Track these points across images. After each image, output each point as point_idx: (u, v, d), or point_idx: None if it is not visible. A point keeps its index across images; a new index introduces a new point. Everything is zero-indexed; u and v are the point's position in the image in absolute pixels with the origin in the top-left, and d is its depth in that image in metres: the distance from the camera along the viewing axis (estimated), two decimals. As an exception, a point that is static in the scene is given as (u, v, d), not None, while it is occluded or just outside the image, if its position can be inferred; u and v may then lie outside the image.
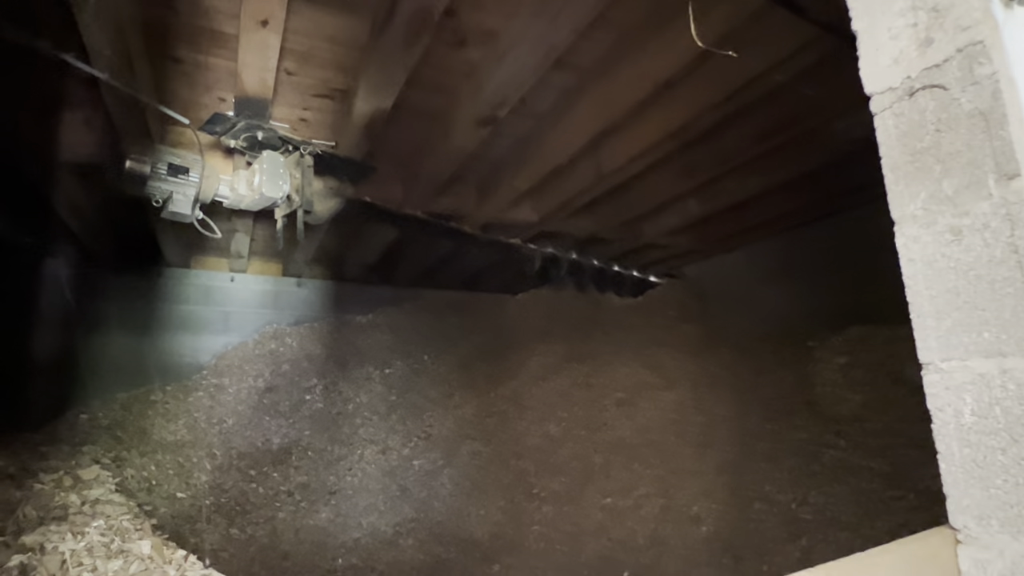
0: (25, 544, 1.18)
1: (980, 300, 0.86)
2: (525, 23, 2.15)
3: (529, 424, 4.31)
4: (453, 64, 2.54)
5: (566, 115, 2.88)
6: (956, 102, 0.90)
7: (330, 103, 2.80)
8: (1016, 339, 0.81)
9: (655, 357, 4.28)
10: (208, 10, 2.19)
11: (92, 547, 1.26)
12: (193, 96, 2.65)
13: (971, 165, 0.87)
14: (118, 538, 1.34)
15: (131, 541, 1.34)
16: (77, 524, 1.35)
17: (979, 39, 0.87)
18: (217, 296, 4.76)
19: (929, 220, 0.93)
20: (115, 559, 1.24)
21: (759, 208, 4.09)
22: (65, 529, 1.30)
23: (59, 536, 1.25)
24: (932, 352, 0.92)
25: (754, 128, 3.02)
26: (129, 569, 1.21)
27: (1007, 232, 0.83)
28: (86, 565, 1.19)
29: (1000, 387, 0.83)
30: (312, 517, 3.63)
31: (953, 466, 0.88)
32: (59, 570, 1.14)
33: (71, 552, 1.20)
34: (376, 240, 4.43)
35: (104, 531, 1.36)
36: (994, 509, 0.83)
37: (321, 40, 2.39)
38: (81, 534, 1.31)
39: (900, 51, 0.98)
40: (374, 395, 4.46)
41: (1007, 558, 0.81)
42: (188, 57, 2.44)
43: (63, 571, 1.13)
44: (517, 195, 3.62)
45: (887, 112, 1.01)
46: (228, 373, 4.26)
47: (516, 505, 3.80)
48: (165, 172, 2.56)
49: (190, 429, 3.66)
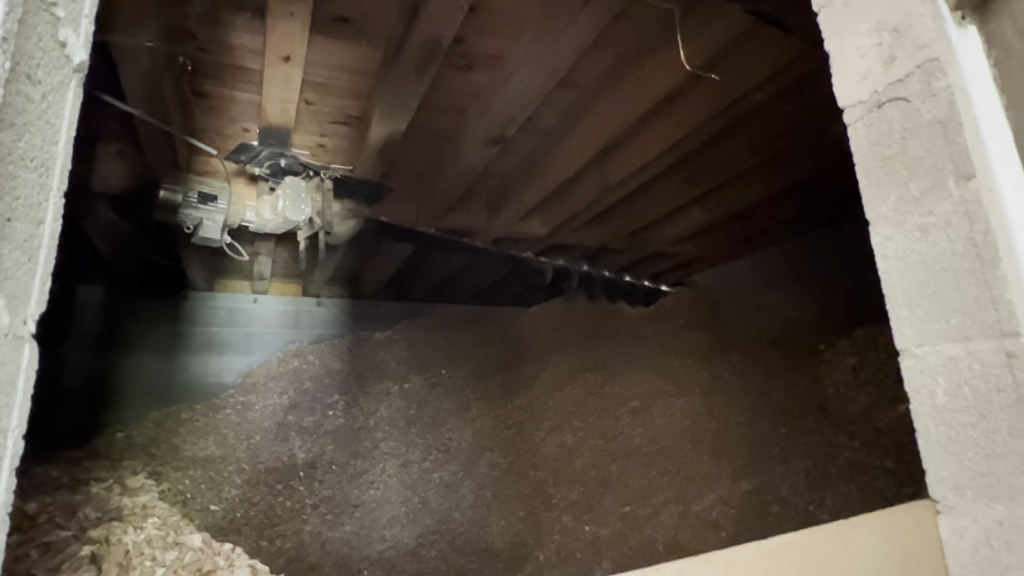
0: (92, 537, 1.30)
1: (946, 290, 0.94)
2: (528, 46, 2.26)
3: (545, 434, 4.37)
4: (462, 87, 2.66)
5: (571, 132, 2.98)
6: (918, 112, 0.99)
7: (347, 129, 2.93)
8: (979, 324, 0.90)
9: (667, 365, 4.33)
10: (234, 48, 2.34)
11: (151, 539, 1.38)
12: (219, 127, 2.80)
13: (933, 169, 0.96)
14: (172, 532, 1.45)
15: (184, 535, 1.46)
16: (134, 522, 1.48)
17: (935, 56, 0.97)
18: (240, 318, 4.92)
19: (899, 220, 1.02)
20: (171, 550, 1.36)
21: (763, 215, 4.16)
22: (125, 525, 1.43)
23: (121, 530, 1.37)
24: (907, 339, 1.01)
25: (752, 137, 3.11)
26: (184, 559, 1.33)
27: (967, 228, 0.92)
28: (147, 555, 1.31)
29: (967, 368, 0.91)
30: (337, 530, 3.72)
31: (930, 442, 0.96)
32: (124, 559, 1.25)
33: (133, 544, 1.33)
34: (391, 258, 4.56)
35: (159, 527, 1.48)
36: (968, 480, 0.90)
37: (337, 70, 2.53)
38: (140, 528, 1.43)
39: (868, 68, 1.08)
40: (393, 409, 4.56)
41: (981, 524, 0.88)
42: (215, 92, 2.59)
43: (127, 559, 1.25)
44: (527, 210, 3.72)
45: (859, 123, 1.10)
46: (253, 391, 4.39)
47: (535, 515, 3.84)
48: (196, 200, 2.71)
49: (219, 445, 3.78)
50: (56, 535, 1.26)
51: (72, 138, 0.55)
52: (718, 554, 0.71)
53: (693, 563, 0.67)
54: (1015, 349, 0.85)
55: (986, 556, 0.87)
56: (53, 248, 0.52)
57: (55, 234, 0.52)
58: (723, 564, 0.69)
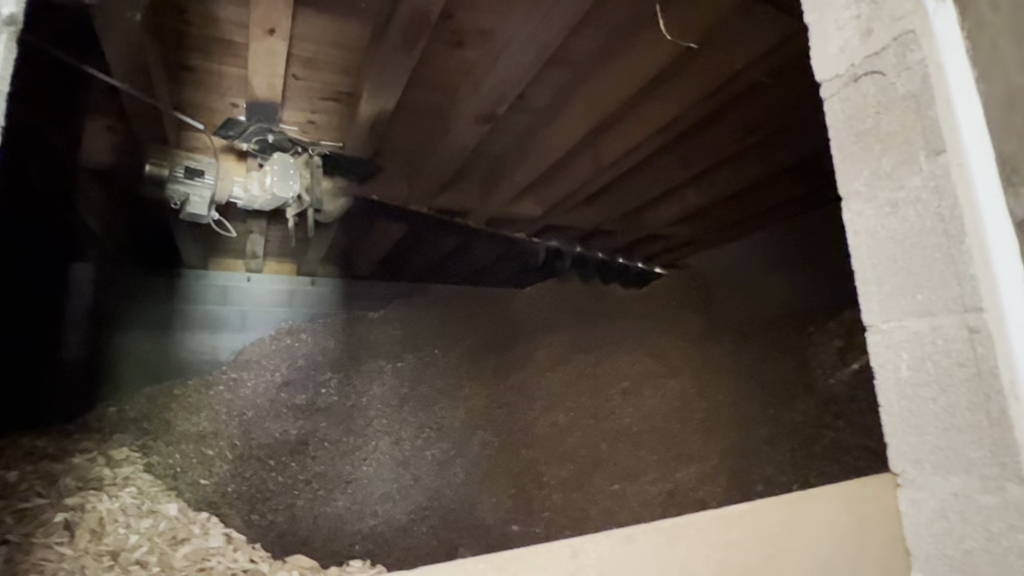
0: (67, 505, 1.33)
1: (914, 266, 0.94)
2: (518, 22, 2.23)
3: (537, 414, 4.41)
4: (452, 64, 2.63)
5: (563, 111, 2.95)
6: (892, 86, 0.98)
7: (336, 105, 2.90)
8: (944, 299, 0.90)
9: (659, 346, 4.35)
10: (219, 21, 2.31)
11: (126, 508, 1.41)
12: (207, 102, 2.78)
13: (905, 143, 0.96)
14: (149, 501, 1.48)
15: (160, 504, 1.48)
16: (112, 492, 1.50)
17: (911, 28, 0.96)
18: (234, 296, 4.93)
19: (871, 195, 1.01)
20: (146, 518, 1.38)
21: (757, 197, 4.14)
22: (101, 494, 1.45)
23: (96, 499, 1.40)
24: (874, 315, 1.01)
25: (746, 118, 3.08)
26: (159, 526, 1.35)
27: (935, 203, 0.91)
28: (121, 522, 1.33)
29: (931, 343, 0.92)
30: (329, 505, 3.77)
31: (892, 417, 0.97)
32: (98, 525, 1.28)
33: (107, 511, 1.35)
34: (384, 238, 4.55)
35: (135, 496, 1.50)
36: (927, 453, 0.91)
37: (326, 45, 2.50)
38: (116, 498, 1.45)
39: (845, 41, 1.07)
40: (386, 388, 4.60)
41: (938, 497, 0.90)
42: (202, 66, 2.57)
43: (101, 527, 1.27)
44: (519, 190, 3.71)
45: (835, 98, 1.09)
46: (246, 368, 4.42)
47: (526, 493, 3.90)
48: (182, 175, 2.70)
49: (211, 421, 3.82)
50: (33, 502, 1.28)
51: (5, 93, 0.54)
52: (669, 521, 0.72)
53: (643, 529, 0.68)
54: (977, 324, 0.85)
55: (942, 528, 0.89)
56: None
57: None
58: (673, 530, 0.70)
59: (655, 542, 0.70)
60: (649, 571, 0.67)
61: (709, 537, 0.73)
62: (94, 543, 1.20)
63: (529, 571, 0.63)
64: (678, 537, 0.71)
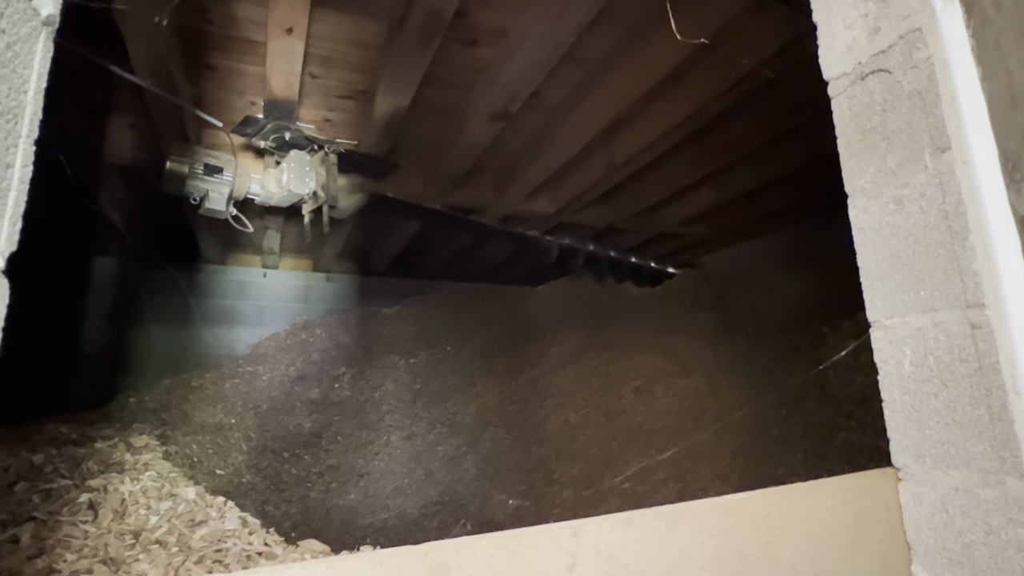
0: (91, 486, 1.39)
1: (917, 262, 0.95)
2: (532, 20, 2.25)
3: (549, 411, 4.42)
4: (466, 62, 2.66)
5: (576, 108, 2.96)
6: (899, 84, 0.99)
7: (352, 103, 2.95)
8: (946, 295, 0.91)
9: (672, 345, 4.34)
10: (239, 20, 2.36)
11: (146, 490, 1.46)
12: (226, 100, 2.84)
13: (911, 141, 0.96)
14: (168, 485, 1.53)
15: (179, 488, 1.54)
16: (133, 475, 1.56)
17: (917, 26, 0.96)
18: (251, 291, 5.02)
19: (876, 192, 1.02)
20: (166, 501, 1.44)
21: (773, 196, 4.11)
22: (123, 477, 1.51)
23: (119, 481, 1.46)
24: (878, 311, 1.02)
25: (761, 117, 3.07)
26: (178, 508, 1.40)
27: (939, 200, 0.92)
28: (142, 503, 1.39)
29: (933, 339, 0.92)
30: (342, 497, 3.82)
31: (895, 412, 0.98)
32: (120, 506, 1.33)
33: (129, 493, 1.41)
34: (399, 235, 4.60)
35: (155, 479, 1.56)
36: (928, 448, 0.92)
37: (342, 44, 2.54)
38: (137, 480, 1.51)
39: (853, 39, 1.08)
40: (399, 383, 4.64)
41: (938, 490, 0.90)
42: (221, 64, 2.62)
43: (123, 507, 1.33)
44: (533, 187, 3.72)
45: (842, 96, 1.10)
46: (262, 362, 4.49)
47: (536, 489, 3.91)
48: (202, 172, 2.76)
49: (228, 413, 3.89)
50: (58, 483, 1.34)
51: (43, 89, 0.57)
52: (668, 507, 0.74)
53: (642, 513, 0.71)
54: (979, 320, 0.86)
55: (942, 521, 0.89)
56: (23, 192, 0.54)
57: (25, 179, 0.55)
58: (672, 515, 0.72)
59: (654, 526, 0.72)
60: (647, 553, 0.69)
61: (707, 523, 0.75)
62: (116, 522, 1.26)
63: (530, 549, 0.66)
64: (677, 522, 0.73)
